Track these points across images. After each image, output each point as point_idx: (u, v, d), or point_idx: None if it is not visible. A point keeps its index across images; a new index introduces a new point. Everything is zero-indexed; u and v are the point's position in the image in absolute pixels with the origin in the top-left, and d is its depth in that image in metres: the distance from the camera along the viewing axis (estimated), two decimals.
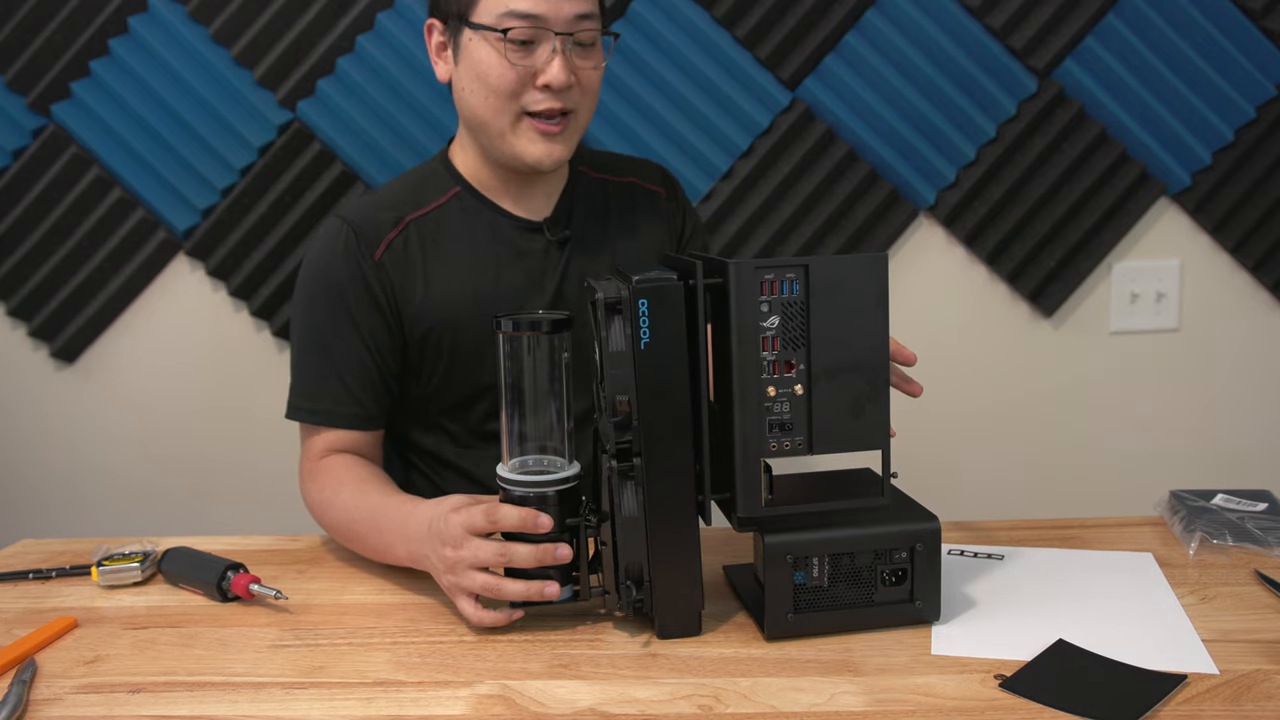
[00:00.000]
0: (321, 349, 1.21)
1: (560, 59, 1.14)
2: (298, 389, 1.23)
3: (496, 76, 1.15)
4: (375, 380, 1.22)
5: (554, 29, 1.14)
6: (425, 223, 1.24)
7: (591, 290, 0.94)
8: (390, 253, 1.22)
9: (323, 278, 1.22)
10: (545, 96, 1.16)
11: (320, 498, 1.17)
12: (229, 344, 1.88)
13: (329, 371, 1.21)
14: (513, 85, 1.15)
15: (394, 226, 1.23)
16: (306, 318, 1.23)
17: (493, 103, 1.17)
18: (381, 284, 1.21)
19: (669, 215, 1.38)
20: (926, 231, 1.86)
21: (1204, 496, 1.21)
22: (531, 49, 1.15)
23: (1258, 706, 0.80)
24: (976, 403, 1.92)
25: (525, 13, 1.13)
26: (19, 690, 0.87)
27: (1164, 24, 1.78)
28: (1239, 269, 1.88)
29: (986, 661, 0.88)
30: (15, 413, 1.92)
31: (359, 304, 1.21)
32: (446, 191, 1.26)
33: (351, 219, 1.23)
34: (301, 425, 1.24)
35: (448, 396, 1.27)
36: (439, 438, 1.30)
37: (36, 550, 1.23)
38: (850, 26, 1.78)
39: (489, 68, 1.16)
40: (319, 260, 1.23)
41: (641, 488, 0.91)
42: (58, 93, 1.79)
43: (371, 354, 1.22)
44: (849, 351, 0.90)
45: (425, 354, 1.24)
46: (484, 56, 1.16)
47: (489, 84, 1.16)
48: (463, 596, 0.97)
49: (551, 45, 1.14)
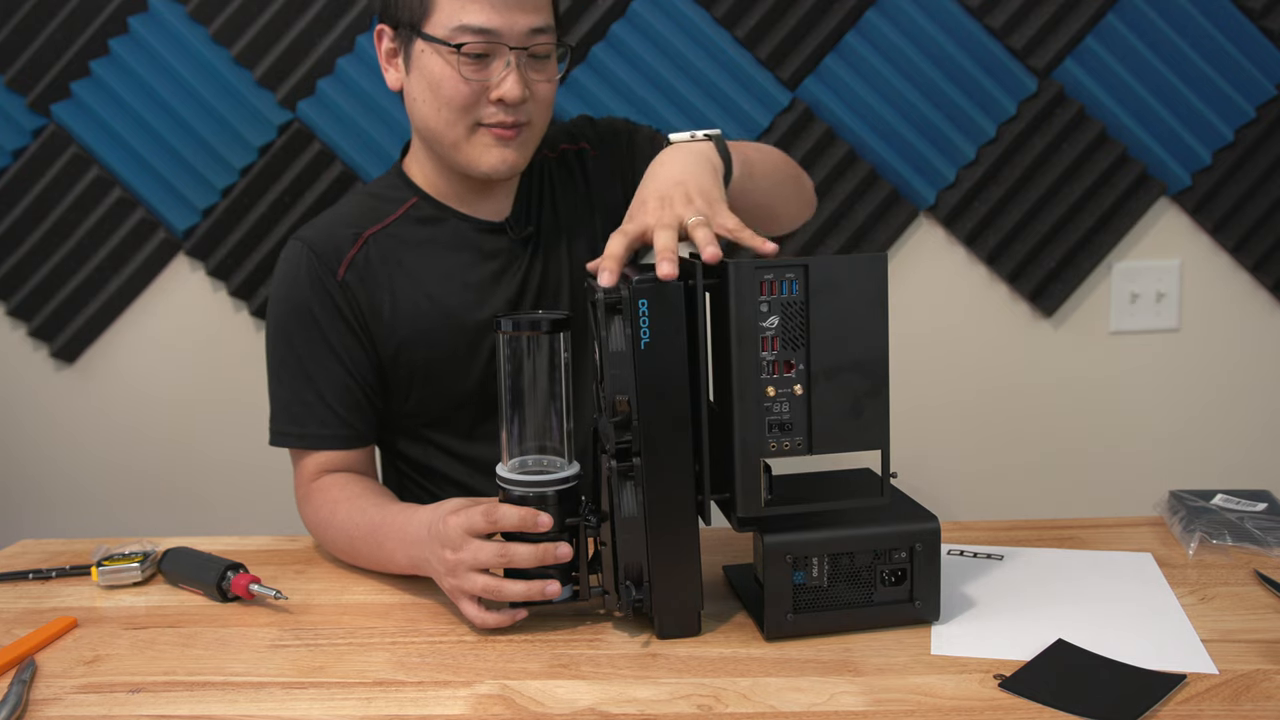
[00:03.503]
0: (301, 373, 1.20)
1: (515, 74, 1.13)
2: (281, 415, 1.21)
3: (450, 90, 1.14)
4: (359, 398, 1.21)
5: (508, 43, 1.13)
6: (384, 237, 1.22)
7: (591, 290, 0.94)
8: (352, 271, 1.20)
9: (291, 302, 1.20)
10: (499, 110, 1.15)
11: (318, 519, 1.17)
12: (229, 344, 1.88)
13: (311, 395, 1.19)
14: (466, 99, 1.14)
15: (353, 244, 1.21)
16: (282, 344, 1.21)
17: (446, 115, 1.16)
18: (348, 303, 1.20)
19: (607, 171, 1.34)
20: (926, 231, 1.86)
21: (1204, 496, 1.21)
22: (486, 63, 1.13)
23: (1257, 706, 0.80)
24: (976, 402, 1.92)
25: (480, 27, 1.11)
26: (19, 690, 0.87)
27: (1164, 24, 1.78)
28: (1239, 269, 1.88)
29: (986, 661, 0.88)
30: (15, 413, 1.93)
31: (331, 325, 1.19)
32: (404, 203, 1.24)
33: (310, 240, 1.21)
34: (291, 450, 1.23)
35: (431, 408, 1.26)
36: (426, 449, 1.29)
37: (36, 550, 1.24)
38: (850, 26, 1.78)
39: (442, 80, 1.14)
40: (285, 286, 1.21)
41: (641, 488, 0.91)
42: (58, 93, 1.79)
43: (350, 373, 1.20)
44: (848, 351, 0.90)
45: (399, 369, 1.23)
46: (437, 69, 1.14)
47: (442, 96, 1.15)
48: (465, 599, 0.97)
49: (506, 60, 1.13)
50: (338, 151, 1.80)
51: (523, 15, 1.13)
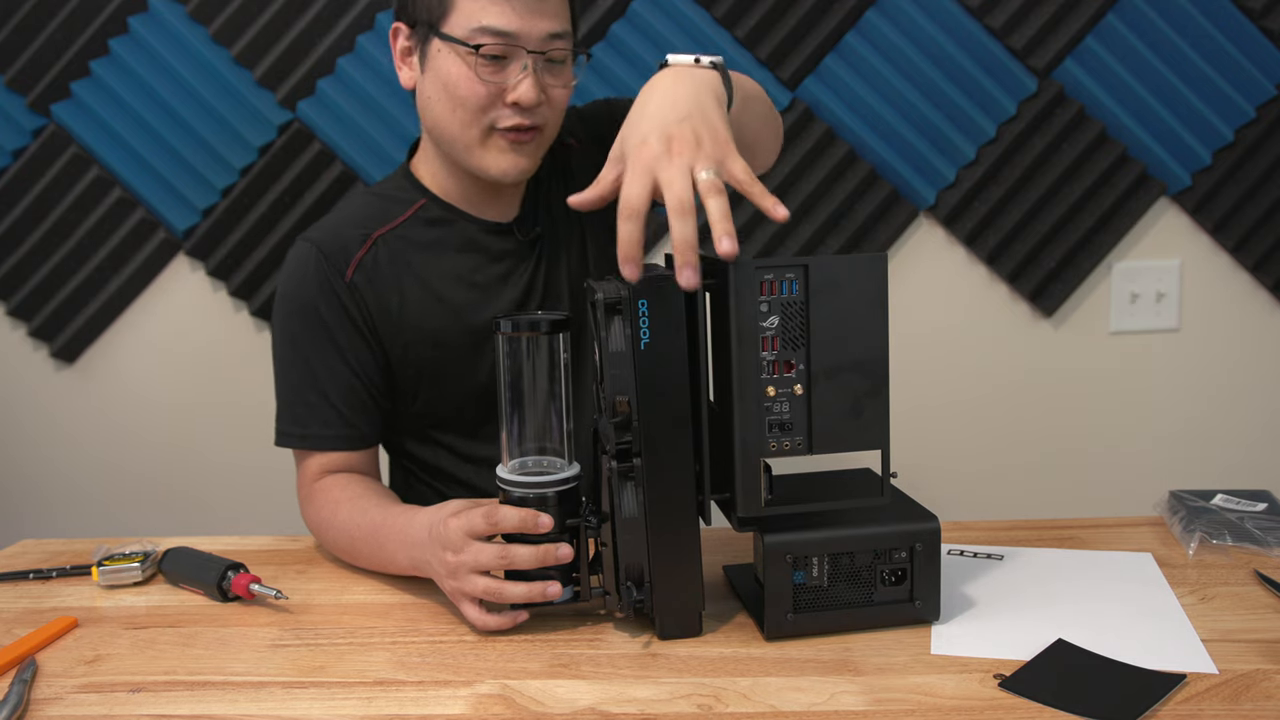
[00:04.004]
0: (308, 374, 1.19)
1: (532, 78, 1.13)
2: (286, 415, 1.21)
3: (466, 91, 1.14)
4: (364, 400, 1.21)
5: (526, 47, 1.12)
6: (393, 238, 1.22)
7: (591, 290, 0.94)
8: (361, 272, 1.20)
9: (299, 303, 1.20)
10: (514, 114, 1.14)
11: (319, 520, 1.17)
12: (229, 344, 1.88)
13: (317, 396, 1.19)
14: (482, 101, 1.14)
15: (361, 245, 1.21)
16: (288, 344, 1.21)
17: (460, 116, 1.15)
18: (356, 304, 1.20)
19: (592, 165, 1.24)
20: (926, 231, 1.86)
21: (1203, 496, 1.21)
22: (503, 65, 1.13)
23: (1257, 706, 0.80)
24: (976, 402, 1.92)
25: (499, 29, 1.11)
26: (19, 689, 0.87)
27: (1164, 24, 1.78)
28: (1239, 269, 1.88)
29: (986, 661, 0.88)
30: (15, 413, 1.93)
31: (338, 326, 1.19)
32: (412, 204, 1.24)
33: (318, 241, 1.21)
34: (294, 450, 1.23)
35: (438, 409, 1.26)
36: (434, 449, 1.29)
37: (36, 550, 1.23)
38: (850, 26, 1.78)
39: (458, 81, 1.14)
40: (292, 286, 1.21)
41: (641, 488, 0.91)
42: (58, 93, 1.79)
43: (357, 374, 1.20)
44: (848, 351, 0.90)
45: (407, 369, 1.23)
46: (453, 69, 1.14)
47: (457, 97, 1.14)
48: (466, 601, 0.96)
49: (523, 63, 1.13)
50: (338, 151, 1.80)
51: (542, 19, 1.13)
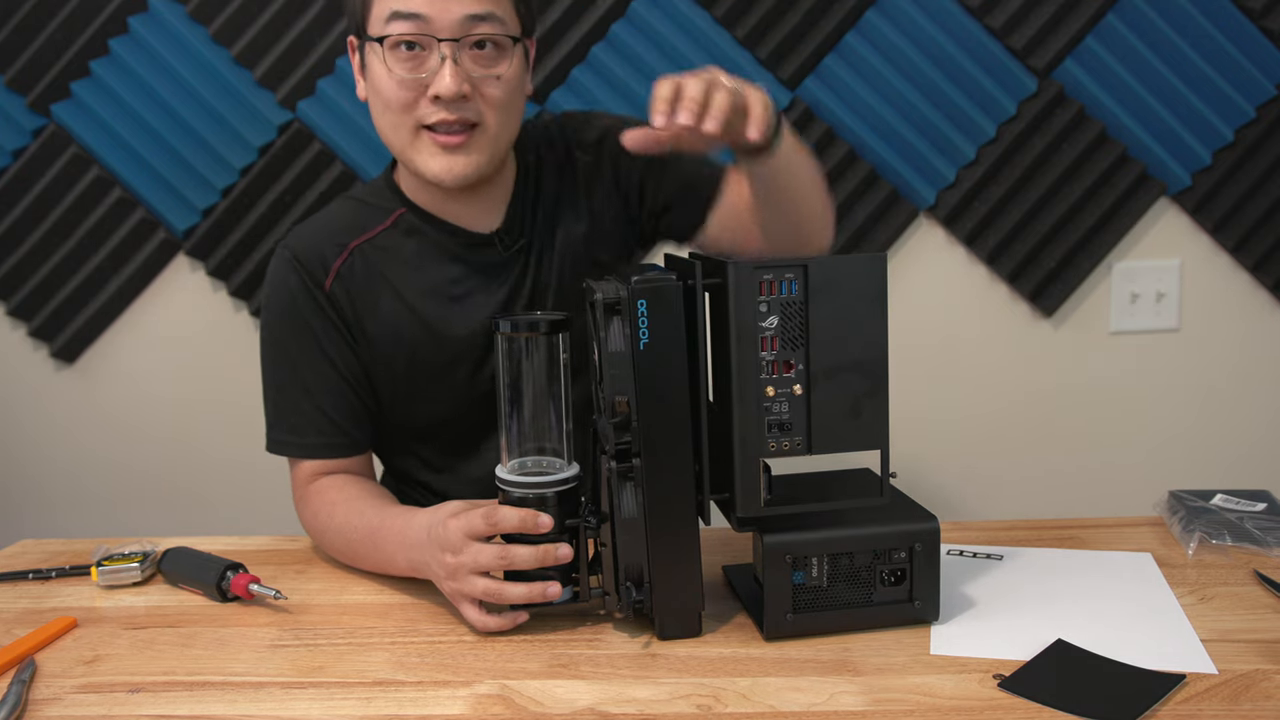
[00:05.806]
0: (298, 383, 1.18)
1: (449, 66, 1.05)
2: (278, 424, 1.20)
3: (386, 90, 1.09)
4: (356, 406, 1.20)
5: (438, 34, 1.06)
6: (371, 249, 1.19)
7: (590, 290, 0.94)
8: (339, 282, 1.18)
9: (285, 311, 1.18)
10: (437, 108, 1.08)
11: (315, 522, 1.16)
12: (229, 344, 1.88)
13: (309, 404, 1.18)
14: (404, 98, 1.08)
15: (339, 255, 1.18)
16: (277, 352, 1.20)
17: (389, 118, 1.11)
18: (338, 313, 1.18)
19: (610, 181, 1.24)
20: (926, 231, 1.86)
21: (1203, 496, 1.21)
22: (421, 58, 1.07)
23: (1256, 706, 0.80)
24: (976, 402, 1.92)
25: (406, 12, 1.05)
26: (19, 690, 0.87)
27: (1164, 24, 1.78)
28: (1239, 269, 1.88)
29: (985, 661, 0.88)
30: (15, 413, 1.93)
31: (325, 334, 1.18)
32: (391, 213, 1.20)
33: (297, 251, 1.19)
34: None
35: (415, 422, 1.25)
36: (412, 461, 1.29)
37: (36, 550, 1.24)
38: (850, 26, 1.78)
39: (380, 80, 1.09)
40: (277, 296, 1.19)
41: (641, 488, 0.91)
42: (58, 93, 1.79)
43: (346, 380, 1.19)
44: (848, 351, 0.90)
45: (382, 382, 1.21)
46: (377, 68, 1.09)
47: (383, 99, 1.09)
48: (465, 602, 0.96)
49: (440, 53, 1.06)
50: (338, 151, 1.80)
51: (456, 2, 1.05)
